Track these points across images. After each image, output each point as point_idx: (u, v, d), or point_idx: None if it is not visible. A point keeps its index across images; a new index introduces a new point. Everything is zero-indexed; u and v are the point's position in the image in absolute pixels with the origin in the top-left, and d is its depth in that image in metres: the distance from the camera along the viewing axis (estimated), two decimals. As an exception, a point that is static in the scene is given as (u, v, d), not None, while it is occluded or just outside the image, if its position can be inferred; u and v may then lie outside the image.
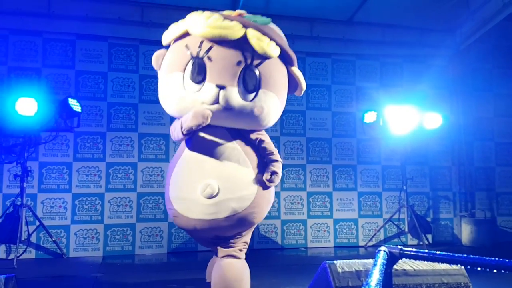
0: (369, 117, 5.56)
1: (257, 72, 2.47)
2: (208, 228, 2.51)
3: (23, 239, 4.56)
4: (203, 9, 2.97)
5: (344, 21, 6.04)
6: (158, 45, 5.04)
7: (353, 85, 6.13)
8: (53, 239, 4.81)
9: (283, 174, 5.72)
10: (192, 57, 2.42)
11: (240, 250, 2.76)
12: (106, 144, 5.24)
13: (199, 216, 2.45)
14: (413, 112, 5.38)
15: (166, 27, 2.84)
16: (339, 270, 2.11)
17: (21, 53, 5.12)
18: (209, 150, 2.51)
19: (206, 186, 2.41)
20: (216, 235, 2.70)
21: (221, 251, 2.71)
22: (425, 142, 6.00)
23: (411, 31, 6.12)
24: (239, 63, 2.41)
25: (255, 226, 2.77)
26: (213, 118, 2.45)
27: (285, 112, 5.75)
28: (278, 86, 2.61)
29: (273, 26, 2.66)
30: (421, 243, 5.56)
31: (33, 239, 4.87)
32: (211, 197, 2.41)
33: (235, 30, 2.39)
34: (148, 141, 5.34)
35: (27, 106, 4.37)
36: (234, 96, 2.41)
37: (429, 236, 5.79)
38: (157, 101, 5.34)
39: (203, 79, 2.40)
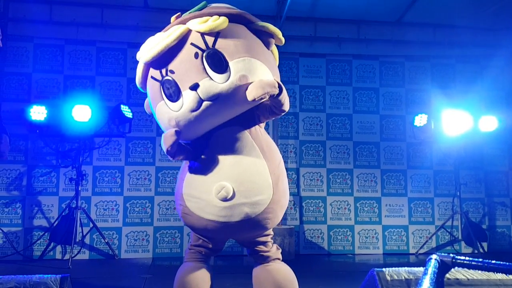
0: (420, 120, 5.40)
1: (216, 50, 2.36)
2: (219, 230, 2.46)
3: (77, 240, 4.77)
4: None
5: (392, 22, 5.92)
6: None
7: (403, 88, 5.98)
8: (106, 241, 4.98)
9: (329, 179, 5.69)
10: (160, 82, 2.42)
11: (277, 249, 2.74)
12: (156, 149, 5.38)
13: (211, 217, 2.41)
14: (467, 114, 5.17)
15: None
16: (388, 278, 2.06)
17: (76, 62, 5.37)
18: (227, 151, 2.45)
19: (221, 188, 2.36)
20: (229, 237, 2.71)
21: (264, 256, 2.69)
22: (480, 146, 5.76)
23: (463, 31, 5.89)
24: (196, 55, 2.34)
25: (270, 230, 2.72)
26: (216, 117, 2.40)
27: (331, 115, 5.78)
28: (246, 49, 2.43)
29: (211, 5, 2.57)
30: (476, 251, 5.32)
31: (87, 240, 5.07)
32: (225, 199, 2.36)
33: (174, 33, 2.36)
34: (196, 146, 5.43)
35: (82, 113, 4.58)
36: (211, 85, 2.32)
37: (485, 244, 5.53)
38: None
39: (180, 93, 2.37)
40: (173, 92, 2.37)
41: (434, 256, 1.60)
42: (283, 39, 2.64)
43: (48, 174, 5.15)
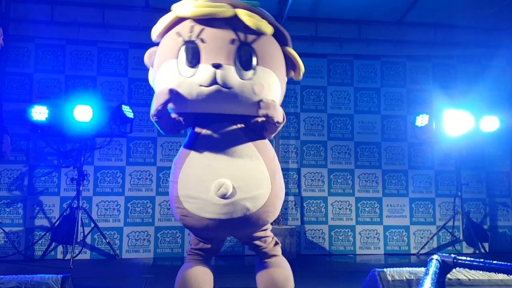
0: (421, 120, 5.39)
1: (252, 49, 2.38)
2: (221, 228, 2.44)
3: (79, 240, 4.77)
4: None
5: (393, 22, 5.91)
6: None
7: (404, 88, 5.98)
8: (107, 241, 4.99)
9: (330, 179, 5.68)
10: (185, 42, 2.36)
11: (275, 245, 2.75)
12: (156, 149, 5.39)
13: (213, 216, 2.37)
14: (468, 114, 5.17)
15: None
16: (389, 278, 2.06)
17: (78, 62, 5.37)
18: (221, 148, 2.44)
19: (220, 185, 2.33)
20: (229, 235, 2.72)
21: (262, 252, 2.71)
22: (481, 146, 5.75)
23: (465, 31, 5.89)
24: (233, 41, 2.34)
25: (268, 225, 2.70)
26: (215, 103, 2.38)
27: (332, 115, 5.78)
28: (275, 64, 2.49)
29: (262, 9, 2.55)
30: (477, 251, 5.32)
31: (88, 240, 5.07)
32: (225, 196, 2.34)
33: (224, 9, 2.35)
34: (197, 146, 5.42)
35: (83, 113, 4.59)
36: (232, 74, 2.31)
37: (486, 245, 5.52)
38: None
39: (198, 62, 2.33)
40: (192, 58, 2.34)
41: (435, 257, 1.60)
42: (301, 77, 2.72)
43: (50, 174, 5.16)
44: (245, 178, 2.39)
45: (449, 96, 5.66)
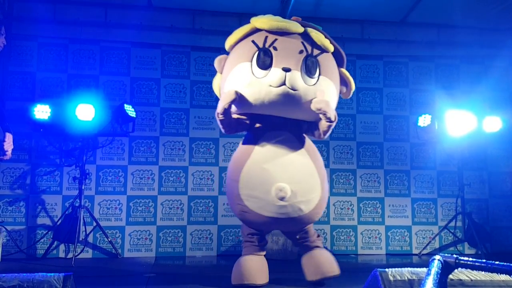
0: (424, 120, 5.38)
1: (317, 60, 2.77)
2: (276, 224, 2.86)
3: (81, 239, 4.77)
4: (252, 15, 3.04)
5: (396, 22, 5.90)
6: (209, 51, 5.13)
7: (406, 88, 5.97)
8: (109, 240, 5.00)
9: (332, 179, 5.67)
10: (259, 49, 2.72)
11: (318, 236, 3.22)
12: (159, 148, 5.39)
13: (271, 215, 2.76)
14: (471, 115, 5.16)
15: (216, 33, 2.92)
16: (391, 278, 2.05)
17: (80, 61, 5.38)
18: (278, 152, 2.79)
19: (279, 189, 2.69)
20: (281, 229, 3.17)
21: (305, 246, 3.10)
22: (484, 147, 5.73)
23: (468, 31, 5.87)
24: (301, 51, 2.72)
25: None
26: (280, 105, 2.70)
27: (335, 116, 5.75)
28: (335, 78, 2.88)
29: (325, 32, 3.05)
30: (479, 252, 5.30)
31: (90, 239, 5.08)
32: (283, 199, 2.70)
33: (296, 26, 2.77)
34: (199, 146, 5.44)
35: (86, 112, 4.59)
36: (299, 78, 2.66)
37: (488, 245, 5.51)
38: (207, 106, 5.48)
39: (270, 65, 2.68)
40: (266, 63, 2.70)
41: (437, 257, 1.60)
42: (350, 96, 3.17)
43: (52, 173, 5.17)
44: (301, 183, 2.76)
45: (452, 97, 5.65)
